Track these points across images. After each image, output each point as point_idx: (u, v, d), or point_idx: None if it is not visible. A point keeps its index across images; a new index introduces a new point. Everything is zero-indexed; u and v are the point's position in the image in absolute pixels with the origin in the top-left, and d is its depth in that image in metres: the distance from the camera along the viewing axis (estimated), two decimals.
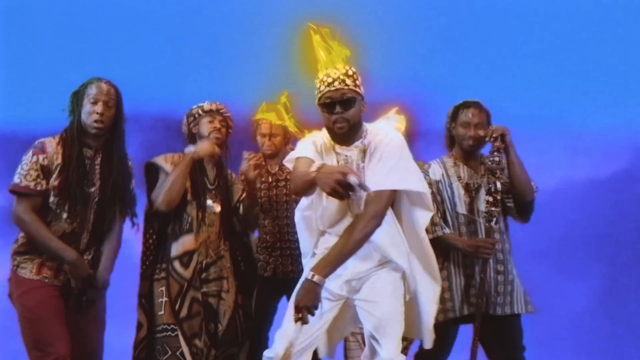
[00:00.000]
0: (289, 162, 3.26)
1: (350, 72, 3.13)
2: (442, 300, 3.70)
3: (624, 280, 5.32)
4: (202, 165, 3.90)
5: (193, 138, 3.94)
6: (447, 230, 3.73)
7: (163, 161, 3.85)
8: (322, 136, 3.24)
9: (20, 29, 5.32)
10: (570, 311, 4.26)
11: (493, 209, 3.64)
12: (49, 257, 3.40)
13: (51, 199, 3.38)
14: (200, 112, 3.91)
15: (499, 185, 3.64)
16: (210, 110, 3.89)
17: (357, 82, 3.15)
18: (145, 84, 5.15)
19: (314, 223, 3.23)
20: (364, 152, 3.15)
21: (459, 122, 3.80)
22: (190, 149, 3.81)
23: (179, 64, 5.33)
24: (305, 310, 2.93)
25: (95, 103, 3.43)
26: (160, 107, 5.17)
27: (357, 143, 3.16)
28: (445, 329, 3.70)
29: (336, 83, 3.09)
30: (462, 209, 3.77)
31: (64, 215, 3.40)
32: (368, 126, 3.24)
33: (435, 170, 3.84)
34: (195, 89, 4.12)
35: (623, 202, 5.34)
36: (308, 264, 3.23)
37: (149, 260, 3.82)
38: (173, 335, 3.69)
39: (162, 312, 3.72)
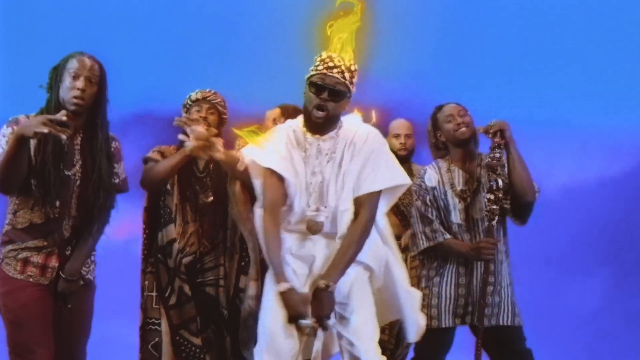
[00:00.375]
0: (246, 154, 3.15)
1: (352, 68, 3.06)
2: (429, 306, 3.65)
3: (631, 281, 5.27)
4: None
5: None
6: (447, 236, 3.63)
7: (151, 153, 3.73)
8: (290, 127, 3.14)
9: (20, 29, 5.28)
10: (577, 313, 4.27)
11: (494, 207, 3.51)
12: (34, 252, 3.15)
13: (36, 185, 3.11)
14: (189, 102, 3.77)
15: (500, 182, 3.50)
16: (197, 99, 3.75)
17: (353, 80, 3.07)
18: (150, 82, 5.18)
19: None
20: (336, 143, 3.08)
21: (442, 120, 3.70)
22: (187, 144, 3.55)
23: (182, 62, 5.28)
24: (325, 319, 2.94)
25: (76, 78, 3.12)
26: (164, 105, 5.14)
27: (332, 133, 3.09)
28: (430, 335, 3.56)
29: (335, 70, 3.01)
30: (456, 217, 3.65)
31: (45, 201, 3.12)
32: (342, 118, 3.16)
33: (431, 177, 3.72)
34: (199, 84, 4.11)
35: (632, 201, 5.31)
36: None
37: (144, 254, 3.76)
38: (147, 329, 3.64)
39: (144, 306, 3.68)
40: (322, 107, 3.00)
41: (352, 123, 3.15)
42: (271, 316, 3.00)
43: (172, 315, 3.61)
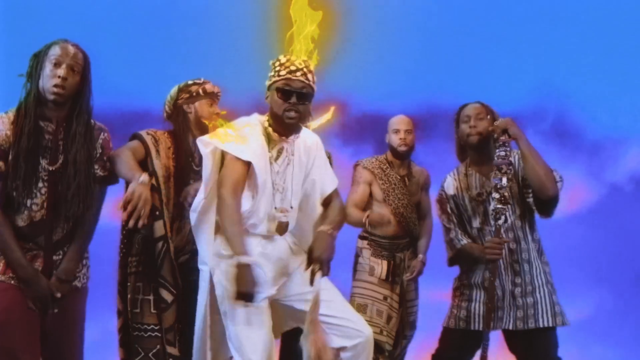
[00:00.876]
0: (220, 148, 3.02)
1: (311, 68, 3.05)
2: (459, 307, 3.62)
3: None
4: (187, 145, 3.50)
5: (182, 115, 3.53)
6: (463, 242, 3.58)
7: (144, 133, 3.46)
8: (259, 123, 3.11)
9: (20, 28, 5.19)
10: None
11: (499, 206, 3.43)
12: None
13: (9, 183, 2.90)
14: (200, 91, 3.54)
15: (504, 181, 3.43)
16: (212, 93, 3.57)
17: (314, 79, 3.06)
18: (147, 82, 4.99)
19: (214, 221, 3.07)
20: (294, 145, 3.12)
21: (461, 120, 3.63)
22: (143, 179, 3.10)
23: (182, 64, 5.15)
24: (327, 263, 2.99)
25: (57, 65, 2.92)
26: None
27: (292, 137, 3.12)
28: (456, 334, 3.63)
29: (299, 73, 3.00)
30: (475, 222, 3.60)
31: (29, 201, 2.92)
32: None
33: (450, 184, 3.68)
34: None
35: None
36: (207, 271, 3.06)
37: (122, 251, 3.47)
38: (146, 335, 3.36)
39: (138, 310, 3.39)
40: (293, 110, 3.01)
41: (304, 130, 3.20)
42: (240, 322, 2.96)
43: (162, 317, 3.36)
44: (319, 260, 2.93)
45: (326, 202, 3.19)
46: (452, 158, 3.87)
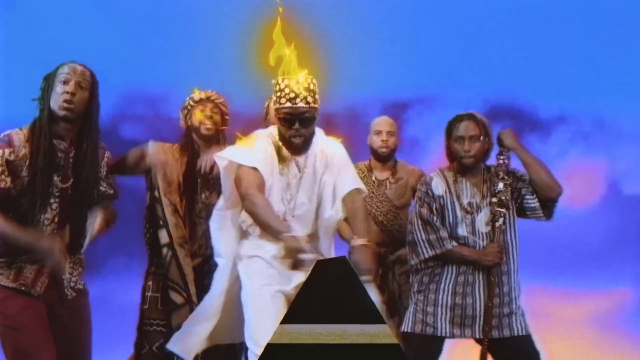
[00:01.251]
0: (229, 159, 3.16)
1: (311, 87, 3.11)
2: (424, 312, 3.60)
3: None
4: (193, 156, 3.69)
5: (187, 129, 3.78)
6: (454, 243, 3.57)
7: (155, 146, 3.49)
8: (270, 136, 3.20)
9: (20, 29, 5.20)
10: None
11: (498, 209, 3.57)
12: (27, 261, 3.04)
13: (23, 200, 3.00)
14: (191, 103, 3.73)
15: (500, 185, 3.58)
16: (201, 99, 3.72)
17: (316, 96, 3.12)
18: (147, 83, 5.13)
19: (236, 223, 3.26)
20: (307, 156, 3.22)
21: (453, 137, 3.63)
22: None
23: (182, 65, 5.18)
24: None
25: (66, 83, 3.02)
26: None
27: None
28: (422, 340, 3.59)
29: (298, 100, 3.07)
30: (462, 230, 3.61)
31: (41, 217, 3.02)
32: None
33: (438, 185, 3.66)
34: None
35: None
36: (226, 267, 3.24)
37: (148, 253, 3.76)
38: (151, 330, 3.59)
39: (147, 307, 3.64)
40: (298, 135, 3.12)
41: (319, 139, 3.27)
42: (257, 310, 3.08)
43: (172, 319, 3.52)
44: (368, 273, 2.98)
45: (346, 206, 3.24)
46: None
